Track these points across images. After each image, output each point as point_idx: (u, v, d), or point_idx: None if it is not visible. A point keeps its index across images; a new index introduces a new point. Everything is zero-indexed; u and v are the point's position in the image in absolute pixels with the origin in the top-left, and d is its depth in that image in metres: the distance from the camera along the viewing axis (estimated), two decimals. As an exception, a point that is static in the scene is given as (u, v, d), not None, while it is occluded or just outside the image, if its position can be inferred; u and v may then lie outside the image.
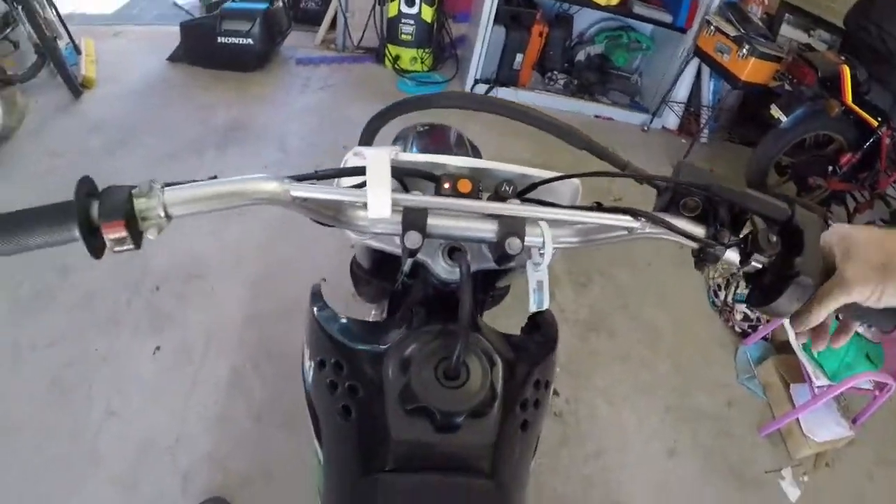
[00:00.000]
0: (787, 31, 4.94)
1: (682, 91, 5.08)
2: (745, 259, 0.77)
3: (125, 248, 0.64)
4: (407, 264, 0.93)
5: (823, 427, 2.70)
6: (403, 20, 4.77)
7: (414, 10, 4.73)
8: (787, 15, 4.92)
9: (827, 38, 4.93)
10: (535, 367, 0.88)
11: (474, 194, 0.77)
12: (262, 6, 4.41)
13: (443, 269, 0.88)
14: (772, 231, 0.75)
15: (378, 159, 0.70)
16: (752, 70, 4.13)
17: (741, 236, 0.78)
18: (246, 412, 2.29)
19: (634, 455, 2.56)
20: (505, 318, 1.17)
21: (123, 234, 0.62)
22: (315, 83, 4.63)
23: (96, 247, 0.64)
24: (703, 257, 0.78)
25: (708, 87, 5.04)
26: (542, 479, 2.36)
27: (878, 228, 0.76)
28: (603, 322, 3.08)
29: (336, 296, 1.12)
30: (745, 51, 4.10)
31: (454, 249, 0.87)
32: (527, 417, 0.84)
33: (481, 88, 4.90)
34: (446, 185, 0.77)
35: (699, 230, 0.78)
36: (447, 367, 0.74)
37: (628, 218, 0.77)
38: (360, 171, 0.71)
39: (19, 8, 3.50)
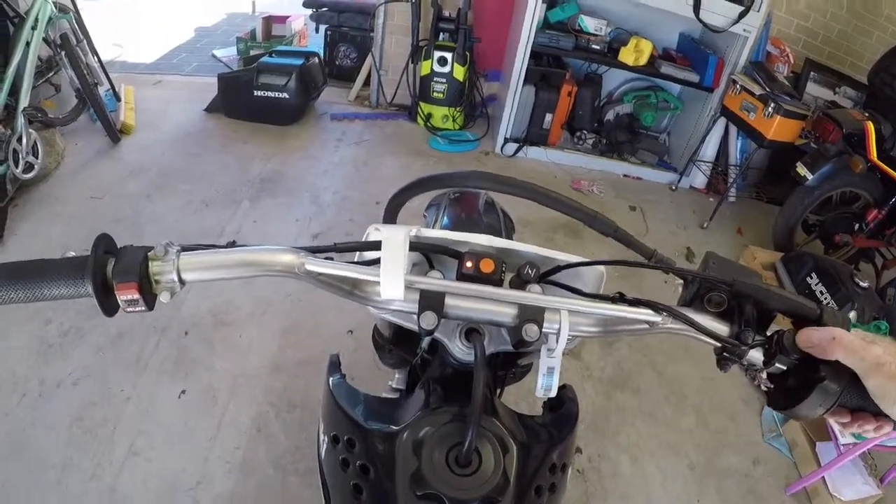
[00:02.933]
0: (813, 89, 4.96)
1: (709, 150, 5.08)
2: (768, 360, 0.75)
3: (137, 309, 0.66)
4: (424, 342, 0.95)
5: (850, 486, 2.64)
6: (436, 79, 4.86)
7: (446, 70, 4.81)
8: (812, 73, 4.94)
9: (852, 95, 4.95)
10: (551, 450, 0.87)
11: (497, 274, 0.77)
12: (299, 62, 4.53)
13: (459, 349, 0.87)
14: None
15: (394, 240, 0.69)
16: (778, 128, 4.11)
17: (767, 335, 0.76)
18: (268, 459, 2.29)
19: None
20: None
21: (136, 296, 0.64)
22: (349, 138, 4.72)
23: (108, 306, 0.66)
24: (726, 357, 0.77)
25: (735, 145, 5.04)
26: (564, 538, 2.32)
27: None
28: (629, 379, 3.05)
29: (364, 347, 1.13)
30: (770, 109, 4.09)
31: (472, 331, 0.85)
32: (542, 503, 0.82)
33: (511, 147, 4.96)
34: (468, 264, 0.77)
35: (723, 328, 0.77)
36: (459, 454, 0.73)
37: (650, 312, 0.76)
38: (379, 245, 0.72)
39: (62, 53, 3.64)
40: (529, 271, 0.79)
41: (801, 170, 3.93)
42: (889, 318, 3.33)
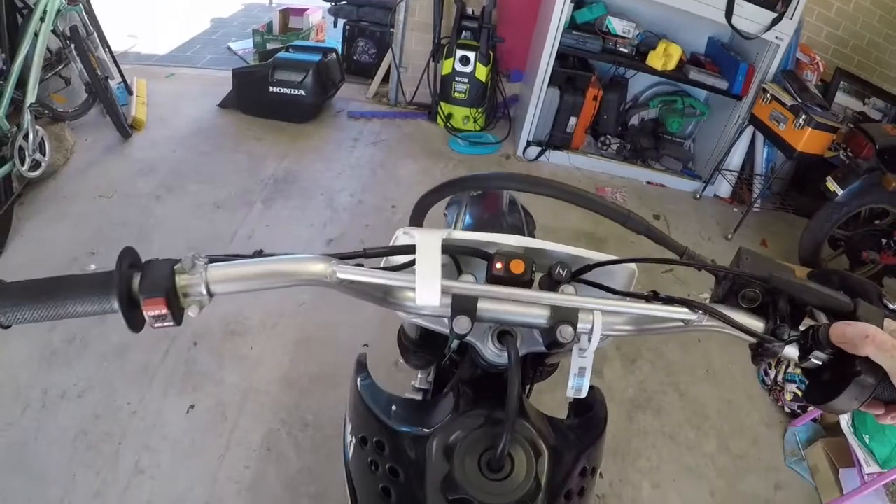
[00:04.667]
0: (842, 99, 4.90)
1: (735, 159, 5.00)
2: (804, 355, 0.73)
3: (165, 324, 0.64)
4: (455, 343, 0.92)
5: None
6: (457, 78, 4.76)
7: (468, 69, 4.72)
8: (841, 82, 4.88)
9: (882, 107, 4.91)
10: (581, 454, 0.86)
11: (527, 275, 0.76)
12: (316, 58, 4.45)
13: (492, 352, 0.85)
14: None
15: (429, 245, 0.70)
16: (808, 140, 4.04)
17: (802, 331, 0.74)
18: (279, 480, 2.22)
19: None
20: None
21: (164, 311, 0.62)
22: (366, 138, 4.63)
23: (135, 322, 0.64)
24: (761, 352, 0.75)
25: (762, 155, 4.97)
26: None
27: None
28: (651, 400, 3.00)
29: (380, 360, 1.08)
30: (801, 121, 4.02)
31: (504, 332, 0.82)
32: None
33: (534, 150, 4.87)
34: (498, 265, 0.76)
35: (758, 324, 0.75)
36: (491, 458, 0.72)
37: (685, 310, 0.75)
38: (410, 249, 0.72)
39: (72, 46, 3.56)
40: (561, 271, 0.79)
41: (832, 185, 3.87)
42: None
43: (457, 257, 0.84)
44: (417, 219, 1.04)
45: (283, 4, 6.40)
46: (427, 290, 0.68)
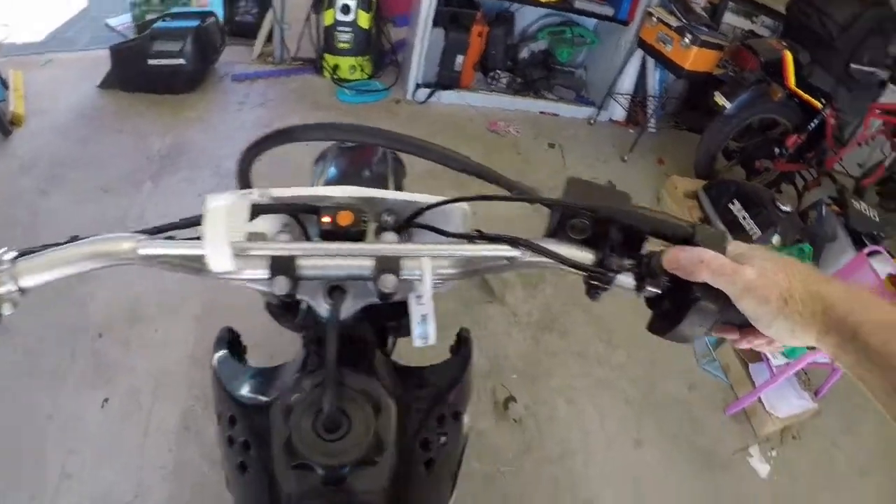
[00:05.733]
0: (731, 19, 4.98)
1: (627, 83, 5.09)
2: (640, 285, 0.73)
3: None
4: (303, 304, 0.89)
5: (785, 402, 2.78)
6: (340, 28, 4.65)
7: (350, 18, 4.61)
8: (729, 2, 4.96)
9: (770, 24, 5.00)
10: (438, 401, 0.86)
11: (357, 226, 0.75)
12: (194, 23, 4.27)
13: (325, 309, 0.81)
14: None
15: (214, 211, 0.66)
16: (695, 59, 4.15)
17: (636, 260, 0.74)
18: (201, 456, 2.21)
19: (600, 451, 2.56)
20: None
21: None
22: (253, 100, 4.52)
23: None
24: (594, 284, 0.73)
25: (653, 77, 5.07)
26: (507, 490, 2.34)
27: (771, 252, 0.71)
28: (556, 321, 3.08)
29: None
30: (687, 40, 4.11)
31: (335, 288, 0.80)
32: (432, 456, 0.82)
33: (423, 93, 4.85)
34: (326, 219, 0.75)
35: (587, 255, 0.73)
36: (326, 419, 0.71)
37: (507, 247, 0.74)
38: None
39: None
40: (388, 218, 0.79)
41: (720, 99, 4.00)
42: (811, 240, 3.46)
43: (298, 217, 0.82)
44: (242, 177, 1.00)
45: (163, -29, 6.16)
46: (217, 255, 0.66)
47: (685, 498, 2.52)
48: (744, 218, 3.64)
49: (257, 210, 0.74)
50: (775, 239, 3.45)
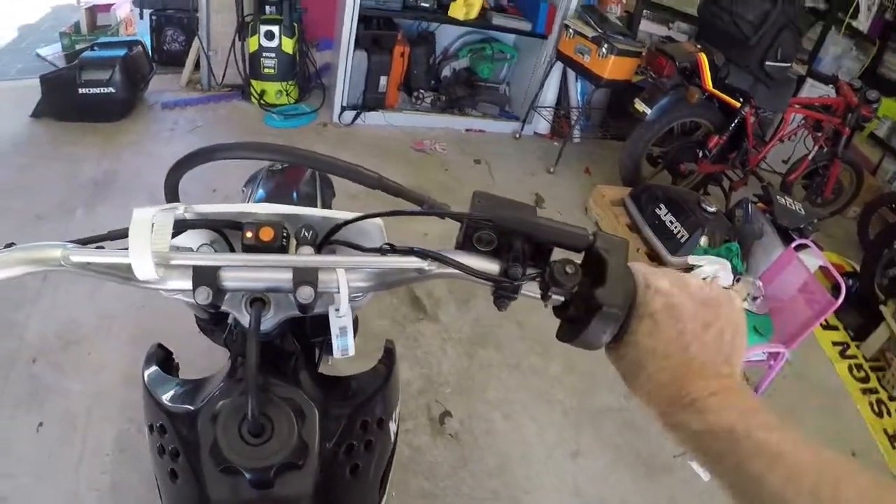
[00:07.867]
0: (647, 27, 5.14)
1: (549, 95, 5.18)
2: (545, 294, 0.73)
3: None
4: (230, 317, 0.93)
5: None
6: (265, 54, 4.70)
7: (274, 44, 4.67)
8: (645, 11, 5.09)
9: (686, 29, 5.16)
10: (361, 408, 0.90)
11: (277, 241, 0.77)
12: (122, 52, 4.29)
13: (247, 320, 0.83)
14: (571, 263, 0.71)
15: (140, 222, 0.69)
16: (613, 68, 4.25)
17: (539, 270, 0.74)
18: (138, 478, 2.18)
19: (539, 463, 2.57)
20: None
21: None
22: (183, 126, 4.52)
23: None
24: (501, 294, 0.74)
25: (575, 88, 5.16)
26: (446, 504, 2.34)
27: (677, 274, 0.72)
28: (489, 335, 3.11)
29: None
30: (604, 50, 4.21)
31: (256, 300, 0.81)
32: (357, 461, 0.85)
33: (349, 115, 4.89)
34: (248, 234, 0.77)
35: (493, 266, 0.73)
36: (250, 424, 0.73)
37: (417, 260, 0.75)
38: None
39: None
40: (306, 234, 0.79)
41: (640, 105, 4.08)
42: (739, 239, 3.51)
43: (224, 233, 0.84)
44: (170, 193, 1.03)
45: (90, 1, 6.19)
46: (140, 263, 0.68)
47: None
48: (671, 222, 3.68)
49: (183, 225, 0.78)
50: (703, 240, 3.50)
